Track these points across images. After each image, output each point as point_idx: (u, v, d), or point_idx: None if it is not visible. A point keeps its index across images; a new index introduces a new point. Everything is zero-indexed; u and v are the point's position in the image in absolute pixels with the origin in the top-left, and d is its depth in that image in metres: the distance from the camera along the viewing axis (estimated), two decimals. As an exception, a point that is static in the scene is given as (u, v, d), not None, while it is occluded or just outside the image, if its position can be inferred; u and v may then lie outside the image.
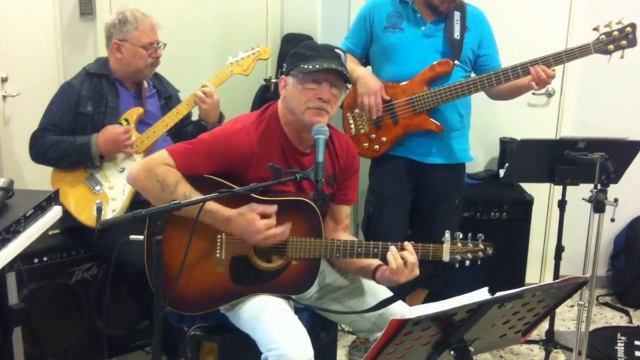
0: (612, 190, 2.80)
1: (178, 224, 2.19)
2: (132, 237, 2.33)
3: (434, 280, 3.39)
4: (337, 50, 2.33)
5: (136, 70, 3.08)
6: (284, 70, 2.39)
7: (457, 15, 3.12)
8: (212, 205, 2.19)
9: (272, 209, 2.24)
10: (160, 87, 3.25)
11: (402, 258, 2.23)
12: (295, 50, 2.34)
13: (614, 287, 4.33)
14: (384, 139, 3.15)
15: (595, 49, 2.97)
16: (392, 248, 2.25)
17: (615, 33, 2.95)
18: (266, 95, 3.77)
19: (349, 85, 2.84)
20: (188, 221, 2.16)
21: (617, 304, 4.20)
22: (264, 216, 2.23)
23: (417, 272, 2.25)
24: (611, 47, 2.96)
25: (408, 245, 2.26)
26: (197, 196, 2.14)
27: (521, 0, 4.07)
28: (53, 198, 2.43)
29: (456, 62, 3.08)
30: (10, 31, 3.45)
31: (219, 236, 2.30)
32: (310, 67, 2.24)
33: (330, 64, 2.25)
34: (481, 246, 2.33)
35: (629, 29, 2.95)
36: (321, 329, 2.55)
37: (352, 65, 3.19)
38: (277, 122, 2.38)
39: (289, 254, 2.31)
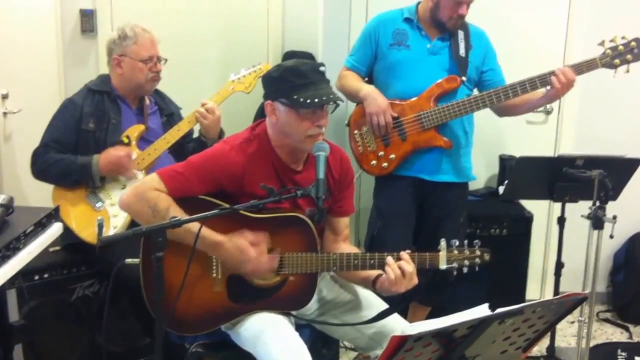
0: (612, 206, 2.81)
1: (170, 246, 2.17)
2: (128, 260, 2.32)
3: (438, 297, 3.38)
4: (321, 69, 2.29)
5: (137, 85, 3.09)
6: (268, 94, 2.34)
7: (461, 34, 3.15)
8: (202, 231, 2.17)
9: (262, 237, 2.26)
10: (162, 104, 3.26)
11: (400, 268, 2.23)
12: (281, 75, 2.27)
13: (614, 303, 4.33)
14: (392, 156, 3.16)
15: (601, 64, 3.00)
16: (389, 259, 2.25)
17: (621, 47, 2.99)
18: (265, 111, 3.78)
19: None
20: (180, 244, 2.16)
21: (618, 320, 4.20)
22: (254, 244, 2.24)
23: (415, 280, 2.25)
24: (617, 61, 3.00)
25: (405, 254, 2.26)
26: (192, 225, 2.13)
27: (518, 16, 4.10)
28: (53, 215, 2.43)
29: (463, 78, 3.11)
30: (12, 47, 3.46)
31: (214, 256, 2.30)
32: (309, 101, 2.21)
33: (326, 92, 2.24)
34: (478, 252, 2.33)
35: (633, 43, 2.99)
36: (323, 346, 2.55)
37: (357, 83, 3.21)
38: (267, 143, 2.37)
39: (286, 270, 2.31)
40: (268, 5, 4.05)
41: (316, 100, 2.22)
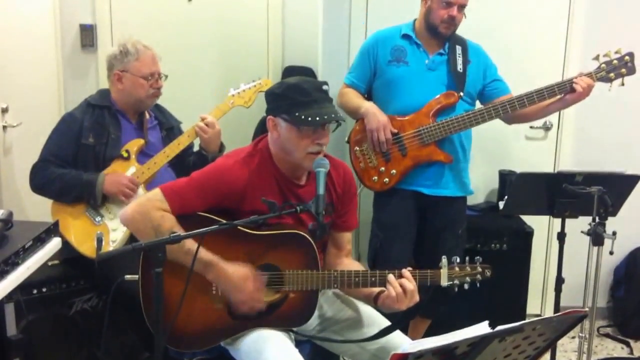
0: (612, 222, 2.81)
1: (169, 264, 2.12)
2: (128, 277, 2.32)
3: (437, 309, 3.37)
4: (324, 87, 2.29)
5: (137, 101, 3.10)
6: (270, 110, 2.34)
7: (458, 49, 3.17)
8: (205, 255, 2.18)
9: (262, 279, 2.27)
10: (162, 118, 3.27)
11: (401, 285, 2.22)
12: (284, 92, 2.28)
13: (614, 318, 4.32)
14: (393, 171, 3.17)
15: (597, 77, 3.05)
16: (390, 276, 2.24)
17: (615, 62, 3.04)
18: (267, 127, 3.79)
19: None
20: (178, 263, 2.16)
21: (618, 335, 4.18)
22: (255, 279, 2.25)
23: (417, 298, 2.25)
24: (612, 75, 3.04)
25: (406, 272, 2.25)
26: (190, 243, 2.13)
27: (517, 32, 4.11)
28: (52, 230, 2.42)
29: (461, 93, 3.12)
30: (12, 61, 3.46)
31: None
32: (310, 119, 2.21)
33: (328, 111, 2.25)
34: (479, 269, 2.33)
35: (627, 57, 3.04)
36: (322, 362, 2.54)
37: (357, 100, 3.23)
38: (269, 157, 2.38)
39: (286, 287, 2.30)
40: (268, 21, 4.07)
41: (317, 118, 2.22)
